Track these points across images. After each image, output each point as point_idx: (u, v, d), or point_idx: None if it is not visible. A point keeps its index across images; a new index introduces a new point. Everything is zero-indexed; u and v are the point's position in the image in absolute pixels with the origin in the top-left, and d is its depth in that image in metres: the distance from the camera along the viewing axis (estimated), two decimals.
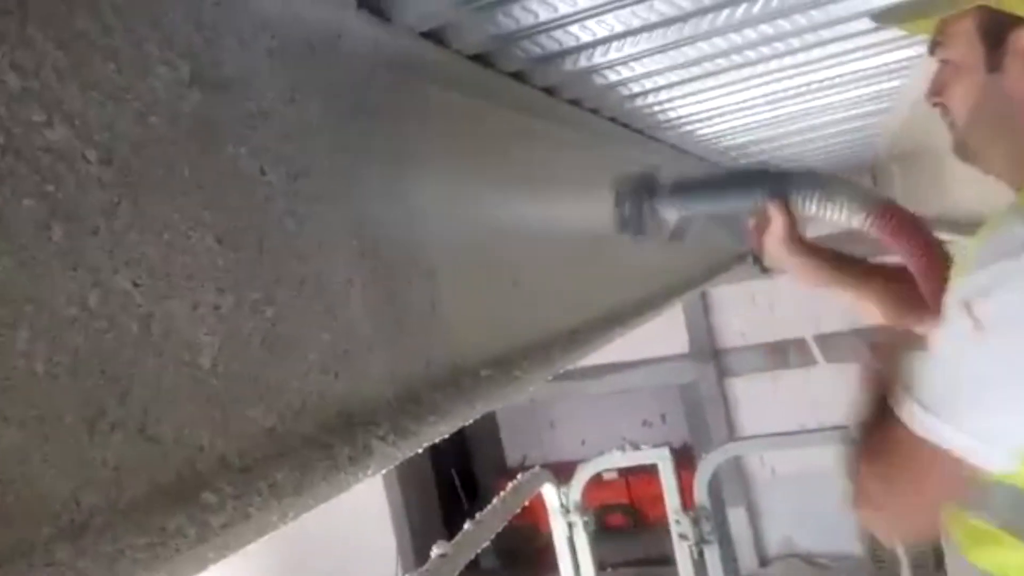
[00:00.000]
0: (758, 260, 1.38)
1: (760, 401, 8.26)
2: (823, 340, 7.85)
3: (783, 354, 8.22)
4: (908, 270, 1.21)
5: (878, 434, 0.98)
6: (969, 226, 2.54)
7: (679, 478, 3.76)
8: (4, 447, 0.60)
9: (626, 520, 10.20)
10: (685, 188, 1.41)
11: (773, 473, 8.23)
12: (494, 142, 1.54)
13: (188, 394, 0.77)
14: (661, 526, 4.13)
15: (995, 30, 0.95)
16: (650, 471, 4.23)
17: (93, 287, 0.70)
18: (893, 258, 1.26)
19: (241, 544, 0.72)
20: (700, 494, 3.82)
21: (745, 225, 1.37)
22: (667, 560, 4.20)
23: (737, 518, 8.25)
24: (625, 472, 9.68)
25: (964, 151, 1.07)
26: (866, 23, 2.01)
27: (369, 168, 1.15)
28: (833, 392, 7.58)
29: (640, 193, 1.40)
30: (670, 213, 1.41)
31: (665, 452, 3.31)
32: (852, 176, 6.98)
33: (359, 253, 1.09)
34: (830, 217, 1.28)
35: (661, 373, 8.58)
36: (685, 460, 7.71)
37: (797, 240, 1.33)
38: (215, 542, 0.68)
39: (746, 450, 7.17)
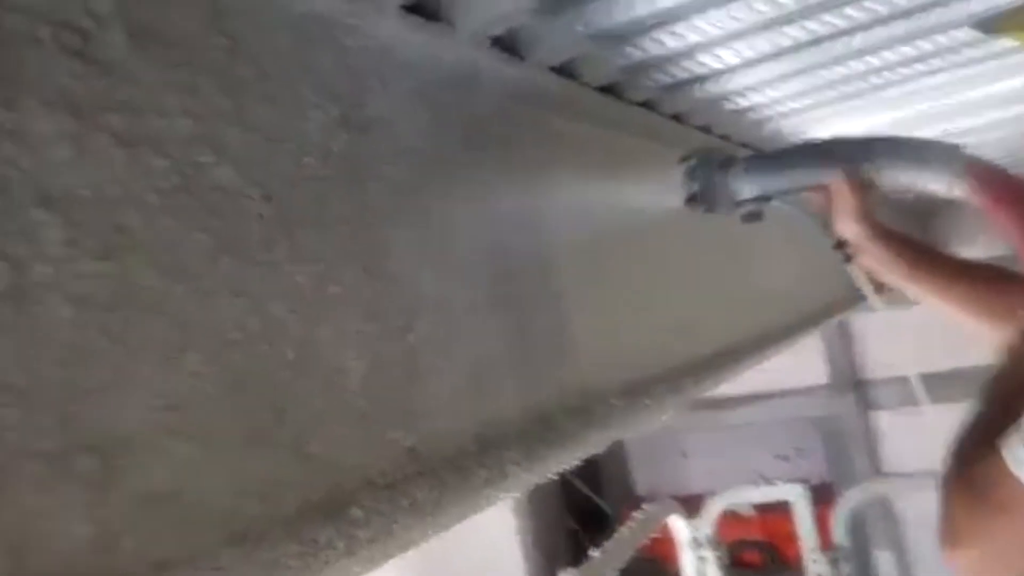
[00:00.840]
0: (840, 245, 1.22)
1: (910, 436, 7.78)
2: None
3: (934, 387, 7.74)
4: (1004, 273, 1.09)
5: (979, 467, 0.90)
6: None
7: (817, 516, 3.60)
8: (177, 460, 0.66)
9: (762, 557, 9.81)
10: (761, 163, 1.30)
11: (926, 516, 7.71)
12: (622, 169, 1.55)
13: (337, 415, 0.82)
14: (800, 566, 3.97)
15: None
16: (787, 509, 4.06)
17: (253, 313, 0.76)
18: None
19: (384, 558, 0.76)
20: (838, 534, 3.64)
21: (814, 202, 1.24)
22: None
23: (885, 562, 7.78)
24: (762, 507, 9.34)
25: None
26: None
27: (501, 197, 1.18)
28: None
29: (711, 166, 1.30)
30: (744, 190, 1.28)
31: (799, 489, 3.17)
32: None
33: (492, 279, 1.12)
34: (916, 186, 1.13)
35: (798, 405, 8.24)
36: (824, 497, 7.36)
37: (869, 221, 1.18)
38: (361, 555, 0.72)
39: (890, 489, 6.76)
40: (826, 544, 3.49)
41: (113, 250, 0.65)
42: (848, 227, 1.20)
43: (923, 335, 7.32)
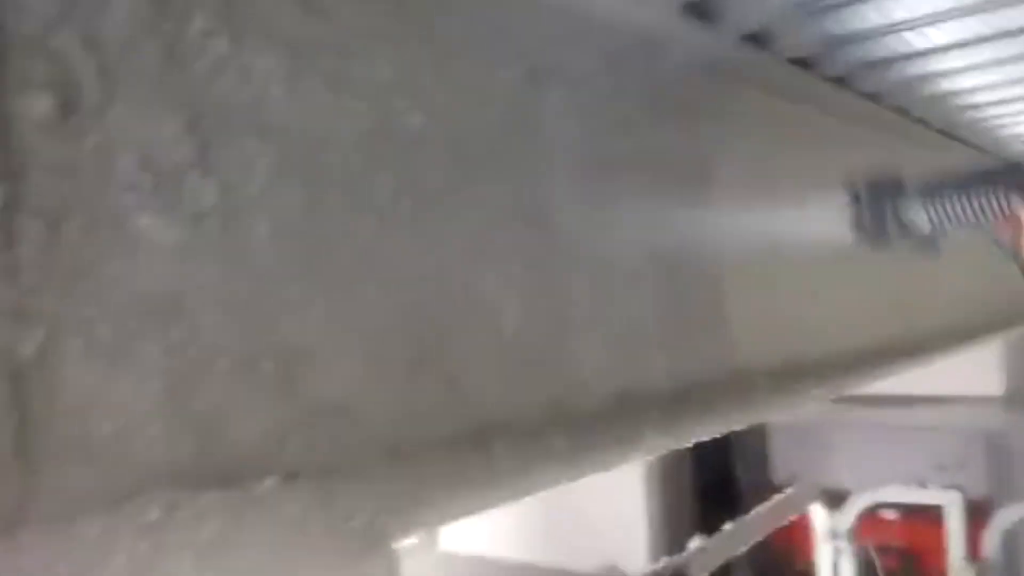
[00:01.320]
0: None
1: None
2: None
3: None
4: None
5: None
6: None
7: (969, 532, 3.39)
8: (347, 377, 0.73)
9: (900, 564, 9.37)
10: (938, 189, 1.23)
11: None
12: (807, 147, 1.51)
13: (491, 356, 0.87)
14: None
15: None
16: (935, 519, 3.82)
17: (428, 252, 0.82)
18: None
19: (520, 494, 0.80)
20: (990, 546, 3.42)
21: (1002, 226, 1.18)
22: None
23: None
24: (908, 514, 8.86)
25: None
26: None
27: (674, 167, 1.19)
28: None
29: (882, 193, 1.24)
30: (919, 217, 1.24)
31: (956, 496, 2.99)
32: None
33: (653, 246, 1.13)
34: None
35: (963, 414, 7.70)
36: (979, 515, 6.89)
37: None
38: (500, 484, 0.77)
39: None
40: (975, 557, 3.30)
41: (312, 181, 0.72)
42: None
43: None
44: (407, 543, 0.71)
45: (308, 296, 0.71)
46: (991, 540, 3.44)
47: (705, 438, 1.09)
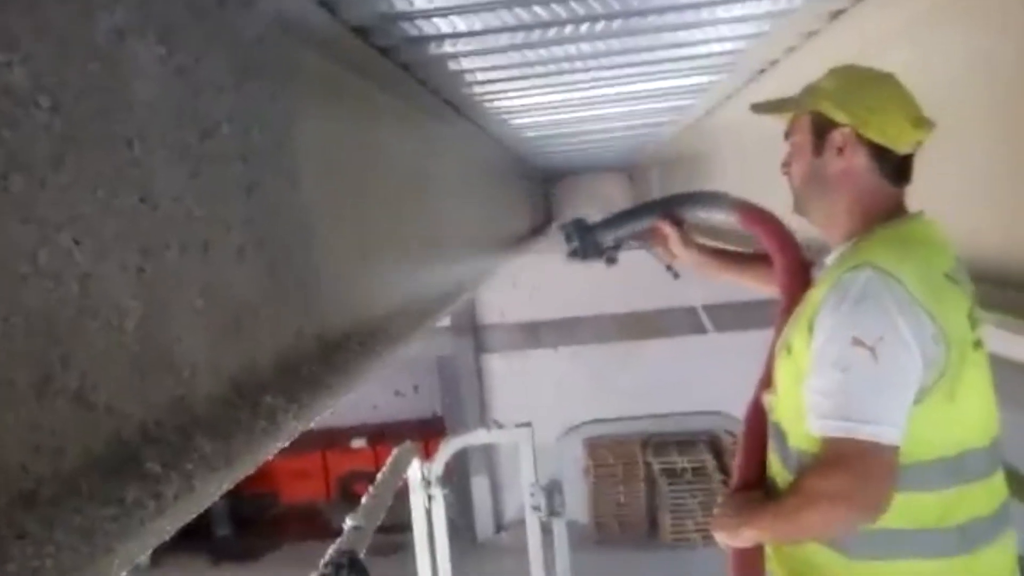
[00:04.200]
0: (669, 267, 1.76)
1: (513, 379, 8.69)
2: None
3: (535, 333, 8.73)
4: (761, 255, 1.58)
5: (806, 482, 1.19)
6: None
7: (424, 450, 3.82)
8: None
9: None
10: (609, 222, 1.79)
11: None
12: (366, 118, 1.55)
13: (117, 359, 0.74)
14: None
15: (822, 127, 1.29)
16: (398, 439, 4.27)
17: (43, 243, 0.66)
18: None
19: (188, 516, 0.72)
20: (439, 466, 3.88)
21: (653, 241, 1.75)
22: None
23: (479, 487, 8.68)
24: (374, 440, 9.80)
25: (798, 208, 1.38)
26: (659, 52, 2.29)
27: (261, 131, 1.12)
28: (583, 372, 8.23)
29: (581, 229, 1.78)
30: (605, 239, 1.77)
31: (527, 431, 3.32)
32: (612, 174, 7.56)
33: (248, 218, 1.07)
34: (710, 217, 1.70)
35: (416, 345, 8.71)
36: (434, 433, 7.95)
37: (688, 243, 1.70)
38: (169, 513, 0.68)
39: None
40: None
41: None
42: (676, 250, 1.70)
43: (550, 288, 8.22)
44: None
45: None
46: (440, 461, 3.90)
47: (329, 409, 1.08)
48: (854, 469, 1.13)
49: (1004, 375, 1.35)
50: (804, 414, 1.20)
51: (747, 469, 1.39)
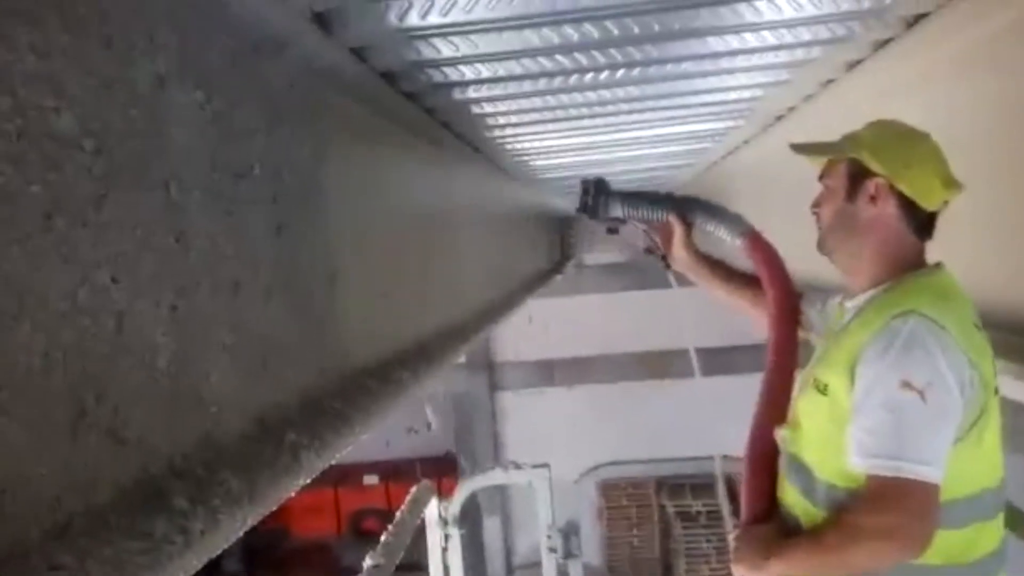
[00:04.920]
0: (664, 258, 1.77)
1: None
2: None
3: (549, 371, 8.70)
4: (755, 278, 1.62)
5: (848, 517, 1.22)
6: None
7: (438, 486, 3.81)
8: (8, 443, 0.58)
9: (381, 527, 10.24)
10: (628, 196, 1.80)
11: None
12: (395, 156, 1.58)
13: (149, 395, 0.76)
14: None
15: (858, 175, 1.34)
16: (412, 476, 4.25)
17: (82, 281, 0.69)
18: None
19: (214, 551, 0.73)
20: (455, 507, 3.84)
21: (658, 230, 1.77)
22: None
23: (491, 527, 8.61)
24: (387, 476, 9.74)
25: (823, 248, 1.42)
26: (678, 99, 2.33)
27: (293, 174, 1.15)
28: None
29: (600, 189, 1.77)
30: (615, 210, 1.78)
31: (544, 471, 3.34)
32: None
33: (276, 263, 1.09)
34: (716, 233, 1.70)
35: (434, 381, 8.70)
36: (446, 470, 7.90)
37: (690, 246, 1.73)
38: (192, 545, 0.69)
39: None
40: None
41: None
42: (677, 249, 1.73)
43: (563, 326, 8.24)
44: None
45: None
46: (458, 500, 3.89)
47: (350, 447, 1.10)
48: (903, 507, 1.17)
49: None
50: (837, 450, 1.25)
51: (756, 502, 1.41)
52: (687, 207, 1.74)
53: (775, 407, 1.46)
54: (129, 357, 0.74)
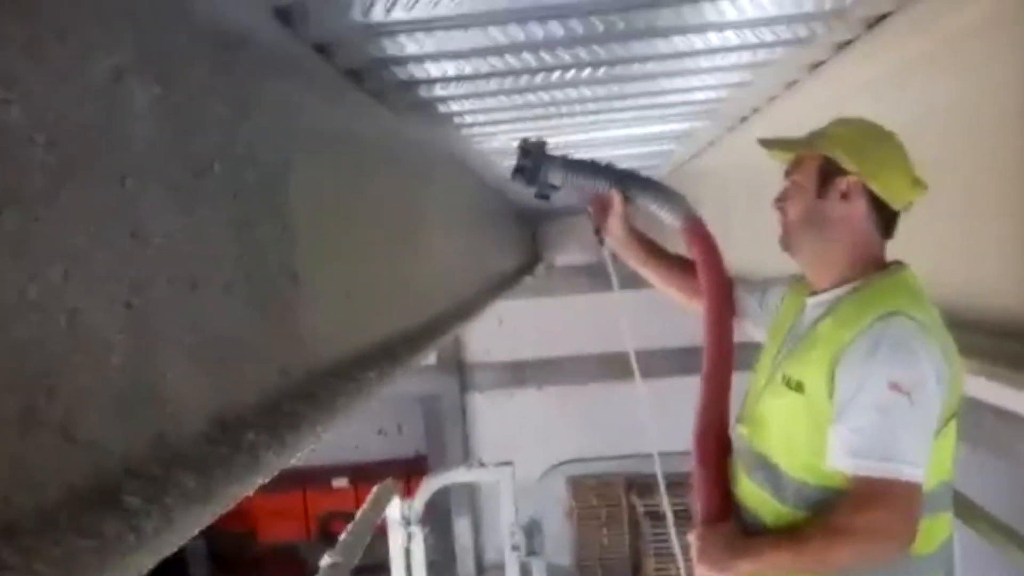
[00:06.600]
0: (598, 231, 1.73)
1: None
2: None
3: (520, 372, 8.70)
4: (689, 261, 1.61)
5: (834, 516, 1.22)
6: None
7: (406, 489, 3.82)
8: None
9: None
10: (568, 163, 1.70)
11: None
12: (362, 155, 1.57)
13: (101, 394, 0.75)
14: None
15: (829, 172, 1.33)
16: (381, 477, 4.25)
17: (33, 277, 0.67)
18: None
19: (165, 551, 0.72)
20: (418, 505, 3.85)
21: (594, 201, 1.71)
22: None
23: (461, 527, 8.59)
24: (356, 480, 9.66)
25: (787, 244, 1.41)
26: (644, 99, 2.34)
27: (257, 169, 1.14)
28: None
29: (539, 154, 1.68)
30: (553, 177, 1.68)
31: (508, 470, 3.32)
32: None
33: (238, 259, 1.08)
34: (656, 212, 1.65)
35: (401, 383, 8.66)
36: (416, 472, 7.87)
37: (627, 222, 1.69)
38: (148, 547, 0.68)
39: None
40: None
41: None
42: (613, 223, 1.69)
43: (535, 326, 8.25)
44: None
45: None
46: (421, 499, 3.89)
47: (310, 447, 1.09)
48: (892, 506, 1.18)
49: None
50: (811, 449, 1.26)
51: (712, 501, 1.41)
52: (630, 182, 1.68)
53: (719, 398, 1.47)
54: (81, 354, 0.73)
